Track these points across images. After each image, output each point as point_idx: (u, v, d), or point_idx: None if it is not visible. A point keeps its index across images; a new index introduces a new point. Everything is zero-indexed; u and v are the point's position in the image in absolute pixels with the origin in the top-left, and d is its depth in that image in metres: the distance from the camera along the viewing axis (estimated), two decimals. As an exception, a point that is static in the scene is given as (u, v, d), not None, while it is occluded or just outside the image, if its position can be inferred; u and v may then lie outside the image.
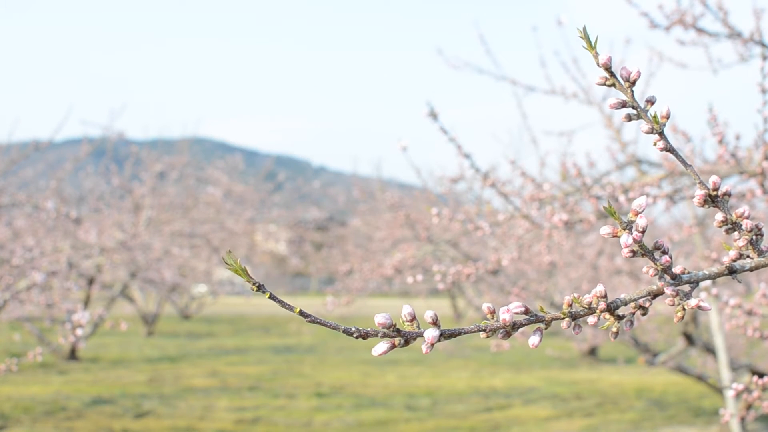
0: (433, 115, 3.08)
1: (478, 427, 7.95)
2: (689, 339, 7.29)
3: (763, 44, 3.33)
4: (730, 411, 2.23)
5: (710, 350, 7.21)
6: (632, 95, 0.99)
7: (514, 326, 0.94)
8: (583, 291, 7.51)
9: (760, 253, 1.03)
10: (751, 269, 1.03)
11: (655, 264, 0.97)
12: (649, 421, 8.32)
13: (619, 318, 0.98)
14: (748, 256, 1.03)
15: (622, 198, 3.03)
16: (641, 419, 8.44)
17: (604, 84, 0.99)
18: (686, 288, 0.99)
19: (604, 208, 0.93)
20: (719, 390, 7.58)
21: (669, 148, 1.00)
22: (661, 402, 9.50)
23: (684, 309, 0.97)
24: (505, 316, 0.93)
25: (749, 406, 2.37)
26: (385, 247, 14.48)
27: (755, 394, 2.09)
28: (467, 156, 3.28)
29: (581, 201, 3.38)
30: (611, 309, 0.96)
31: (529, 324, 0.95)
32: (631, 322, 0.98)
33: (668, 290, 0.97)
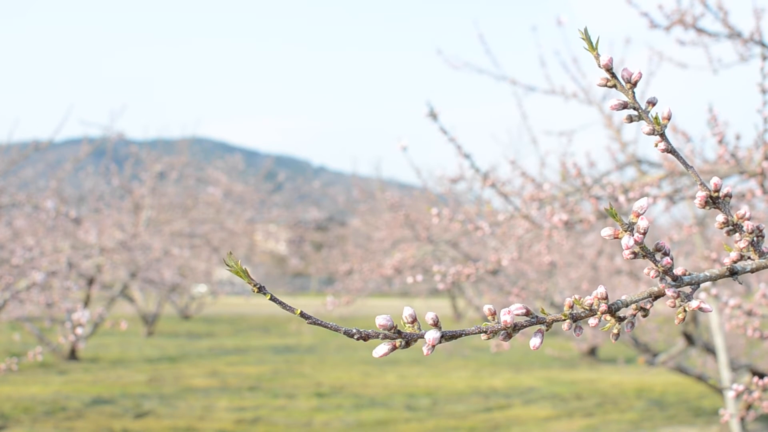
0: (433, 116, 3.08)
1: (478, 427, 7.95)
2: (689, 339, 7.29)
3: (763, 44, 3.33)
4: (730, 411, 2.23)
5: (710, 350, 7.21)
6: (633, 96, 0.99)
7: (515, 328, 0.94)
8: (583, 291, 7.51)
9: (761, 254, 1.03)
10: (752, 270, 1.03)
11: (657, 266, 0.97)
12: (649, 421, 8.32)
13: (620, 320, 0.97)
14: (749, 258, 1.03)
15: (622, 198, 3.03)
16: (641, 419, 8.43)
17: (605, 85, 0.99)
18: (687, 290, 0.99)
19: (606, 210, 0.93)
20: (719, 390, 7.58)
21: (670, 150, 1.00)
22: (661, 402, 9.50)
23: (685, 311, 0.97)
24: (506, 317, 0.93)
25: (749, 406, 2.37)
26: (384, 247, 14.47)
27: (755, 394, 2.09)
28: (467, 156, 3.28)
29: (581, 201, 3.37)
30: (612, 311, 0.96)
31: (530, 326, 0.95)
32: (632, 324, 0.97)
33: (669, 292, 0.97)
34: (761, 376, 2.11)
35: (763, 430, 7.72)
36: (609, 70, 0.98)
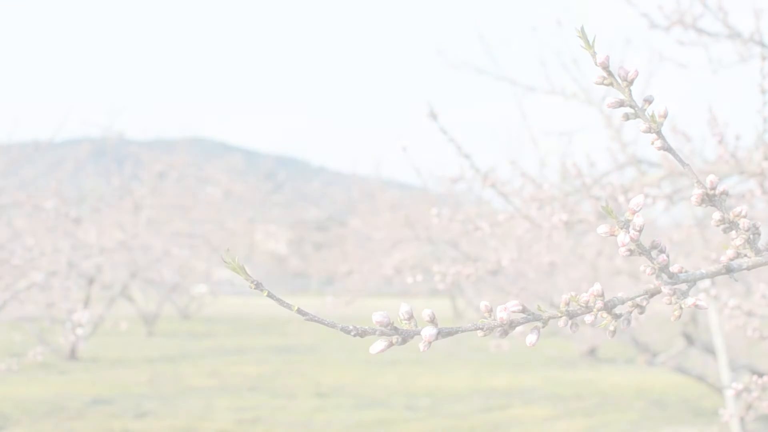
0: (433, 116, 3.08)
1: (478, 427, 7.95)
2: (689, 339, 7.29)
3: (763, 44, 3.33)
4: (730, 411, 2.24)
5: (710, 350, 7.21)
6: (630, 94, 0.99)
7: (511, 324, 0.94)
8: (582, 291, 7.50)
9: (758, 252, 1.03)
10: (748, 268, 1.03)
11: (652, 263, 0.97)
12: (649, 421, 8.32)
13: (617, 316, 0.98)
14: (745, 255, 1.04)
15: (621, 198, 3.03)
16: (641, 419, 8.44)
17: (602, 83, 1.00)
18: (683, 287, 0.99)
19: (602, 207, 0.93)
20: (719, 390, 7.58)
21: (666, 148, 1.00)
22: (661, 402, 9.50)
23: (681, 308, 0.98)
24: (502, 314, 0.94)
25: (749, 406, 2.37)
26: (384, 248, 14.45)
27: (755, 393, 2.09)
28: (467, 156, 3.28)
29: (581, 201, 3.38)
30: (608, 307, 0.96)
31: (526, 322, 0.95)
32: (629, 321, 0.98)
33: (665, 289, 0.97)
34: (761, 375, 2.11)
35: (763, 430, 7.72)
36: (605, 68, 0.99)
